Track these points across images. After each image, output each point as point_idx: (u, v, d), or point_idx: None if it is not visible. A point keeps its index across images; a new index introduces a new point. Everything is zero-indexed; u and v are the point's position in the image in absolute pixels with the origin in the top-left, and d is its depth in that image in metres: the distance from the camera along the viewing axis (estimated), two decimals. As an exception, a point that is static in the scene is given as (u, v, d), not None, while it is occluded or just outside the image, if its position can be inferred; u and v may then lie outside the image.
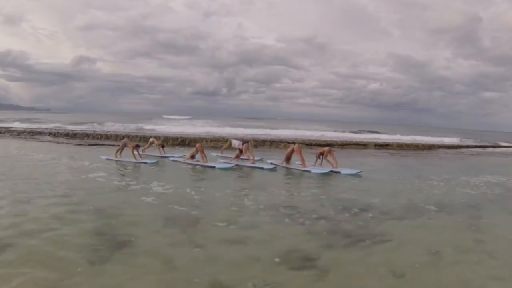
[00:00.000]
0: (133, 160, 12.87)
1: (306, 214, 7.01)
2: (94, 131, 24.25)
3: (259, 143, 21.20)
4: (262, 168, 12.80)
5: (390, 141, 27.60)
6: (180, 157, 14.46)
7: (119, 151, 13.52)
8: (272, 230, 6.05)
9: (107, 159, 13.26)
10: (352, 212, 7.36)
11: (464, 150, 29.15)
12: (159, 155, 15.10)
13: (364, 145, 24.51)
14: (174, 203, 7.33)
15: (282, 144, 21.62)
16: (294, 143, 22.49)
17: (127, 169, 11.41)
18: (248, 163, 13.41)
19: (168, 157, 14.63)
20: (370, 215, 7.22)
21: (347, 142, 24.61)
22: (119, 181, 9.40)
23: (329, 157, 13.23)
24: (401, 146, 26.13)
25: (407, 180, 11.70)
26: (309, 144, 21.93)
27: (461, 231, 6.56)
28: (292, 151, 13.50)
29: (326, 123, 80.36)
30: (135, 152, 13.04)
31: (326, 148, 13.73)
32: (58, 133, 23.03)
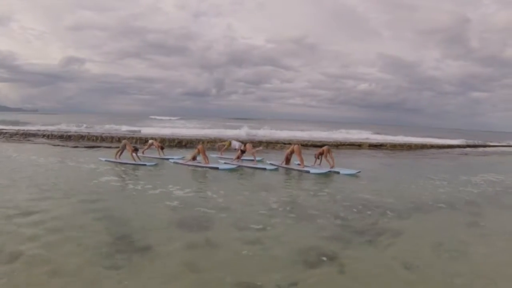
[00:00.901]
0: (132, 162, 12.82)
1: (326, 214, 7.19)
2: (88, 132, 24.03)
3: (256, 144, 21.18)
4: (264, 169, 12.88)
5: (384, 142, 27.90)
6: (179, 158, 14.46)
7: (119, 153, 13.49)
8: (295, 230, 6.22)
9: (106, 160, 13.25)
10: (367, 211, 7.59)
11: (456, 149, 29.54)
12: (158, 156, 15.08)
13: (358, 145, 24.78)
14: (201, 206, 7.35)
15: (279, 145, 21.72)
16: (290, 143, 22.72)
17: (137, 172, 11.28)
18: (250, 164, 13.49)
19: (168, 159, 14.59)
20: (385, 213, 7.48)
21: (342, 143, 24.83)
22: (134, 185, 9.29)
23: (328, 157, 13.36)
24: (394, 146, 26.56)
25: (410, 180, 11.89)
26: (305, 144, 22.01)
27: (470, 227, 6.83)
28: (292, 151, 13.61)
29: (316, 123, 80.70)
30: (134, 154, 13.02)
31: (325, 148, 13.82)
32: (52, 135, 22.76)
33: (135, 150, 13.22)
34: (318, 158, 13.62)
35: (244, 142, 14.43)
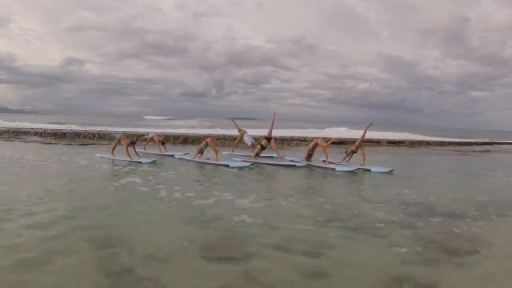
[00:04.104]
0: (128, 159, 11.07)
1: (388, 223, 5.53)
2: (85, 130, 22.18)
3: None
4: (294, 166, 11.14)
5: (403, 138, 26.44)
6: (183, 154, 12.83)
7: (114, 148, 11.92)
8: (362, 249, 4.52)
9: (101, 157, 11.82)
10: (432, 216, 6.05)
11: (473, 146, 27.96)
12: (159, 153, 13.38)
13: (377, 142, 23.07)
14: (226, 219, 5.51)
15: (294, 142, 20.06)
16: (305, 140, 20.98)
17: (133, 172, 9.38)
18: (272, 161, 11.90)
19: (170, 155, 12.99)
20: (454, 217, 5.95)
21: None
22: (130, 190, 7.35)
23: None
24: (413, 143, 25.27)
25: (461, 177, 10.48)
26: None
27: None
28: (315, 145, 11.86)
29: (315, 123, 79.26)
30: (130, 149, 11.28)
31: (357, 142, 12.22)
32: (45, 133, 20.93)
33: (132, 144, 11.41)
34: (349, 156, 11.98)
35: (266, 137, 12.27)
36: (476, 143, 31.41)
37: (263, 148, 11.94)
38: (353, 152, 12.02)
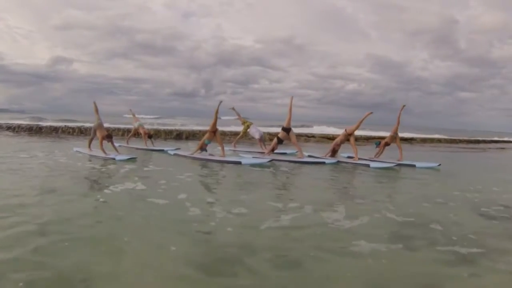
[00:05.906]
0: (101, 154, 8.93)
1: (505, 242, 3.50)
2: (65, 125, 19.77)
3: (273, 136, 17.41)
4: (323, 163, 9.18)
5: (414, 136, 25.12)
6: (175, 149, 10.82)
7: (91, 140, 10.04)
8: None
9: (77, 151, 9.99)
10: None
11: (487, 144, 26.87)
12: (145, 147, 11.42)
13: (389, 139, 21.34)
14: (248, 250, 3.37)
15: (303, 138, 18.08)
16: (313, 136, 19.03)
17: (110, 173, 7.20)
18: (291, 158, 9.82)
19: (162, 150, 11.04)
20: None
21: (373, 136, 21.35)
22: (195, 205, 4.57)
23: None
24: (424, 141, 23.94)
25: None
26: (332, 138, 18.26)
27: None
28: (344, 139, 9.75)
29: (305, 123, 77.96)
30: (106, 142, 9.22)
31: (391, 135, 10.30)
32: (19, 127, 18.47)
33: (108, 137, 9.26)
34: (381, 150, 10.31)
35: (284, 128, 9.87)
36: (484, 141, 30.29)
37: (280, 141, 9.56)
38: (387, 144, 10.18)
